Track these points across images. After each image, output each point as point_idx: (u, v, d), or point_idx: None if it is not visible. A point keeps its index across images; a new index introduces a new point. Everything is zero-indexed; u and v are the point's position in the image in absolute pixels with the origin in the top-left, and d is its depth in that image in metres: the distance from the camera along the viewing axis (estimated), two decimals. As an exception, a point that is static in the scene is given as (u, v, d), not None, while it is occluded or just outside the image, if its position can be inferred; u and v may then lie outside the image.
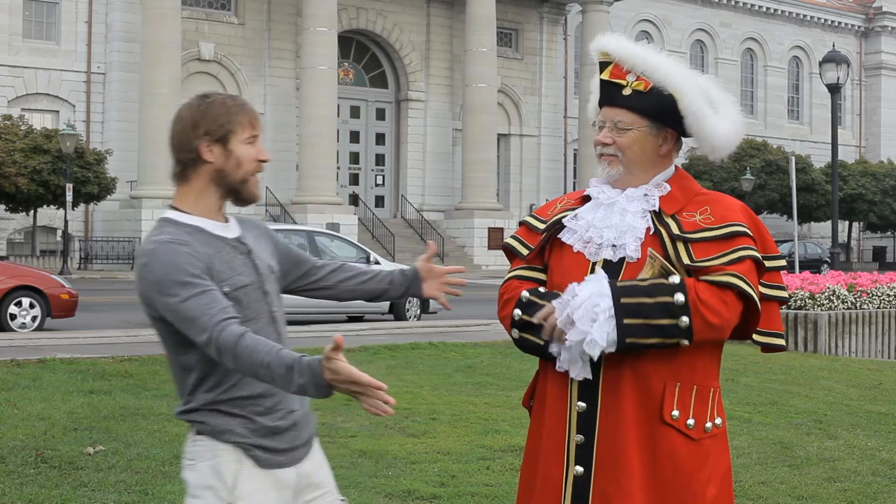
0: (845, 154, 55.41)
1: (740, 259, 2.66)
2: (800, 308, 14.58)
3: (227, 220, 2.74)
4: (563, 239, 2.82)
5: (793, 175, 25.17)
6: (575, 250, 2.78)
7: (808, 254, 45.70)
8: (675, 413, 2.66)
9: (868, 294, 15.24)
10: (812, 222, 53.59)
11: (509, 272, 2.94)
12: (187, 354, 2.62)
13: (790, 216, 41.16)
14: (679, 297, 2.58)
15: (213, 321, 2.47)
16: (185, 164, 2.67)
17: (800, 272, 19.80)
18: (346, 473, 6.38)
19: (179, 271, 2.52)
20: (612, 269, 2.72)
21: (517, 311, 2.75)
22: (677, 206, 2.76)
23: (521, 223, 3.00)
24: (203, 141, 2.64)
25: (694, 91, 2.78)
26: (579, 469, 2.70)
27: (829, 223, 47.63)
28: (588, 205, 2.85)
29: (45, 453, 6.63)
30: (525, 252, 2.89)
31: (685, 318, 2.58)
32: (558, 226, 2.86)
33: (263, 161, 2.72)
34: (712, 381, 2.77)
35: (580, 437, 2.70)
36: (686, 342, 2.59)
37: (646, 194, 2.77)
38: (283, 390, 2.51)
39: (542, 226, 2.90)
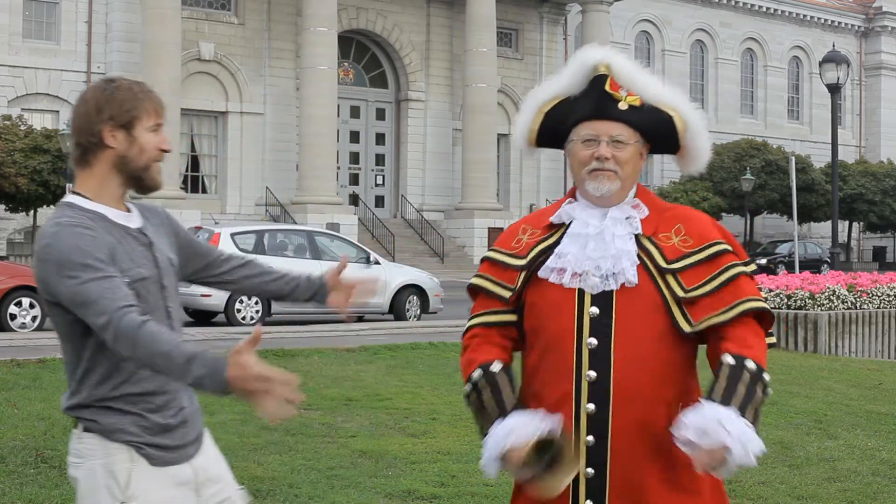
0: (845, 154, 55.39)
1: (733, 278, 2.69)
2: (800, 308, 14.58)
3: (129, 210, 2.73)
4: (551, 279, 2.73)
5: (793, 175, 25.17)
6: (567, 286, 2.71)
7: (808, 254, 45.68)
8: None
9: (868, 294, 15.24)
10: (812, 222, 53.56)
11: (472, 317, 2.84)
12: (80, 345, 2.60)
13: (790, 216, 41.13)
14: (751, 365, 2.59)
15: (115, 306, 2.44)
16: (87, 148, 2.64)
17: (800, 272, 19.80)
18: (346, 473, 6.39)
19: (82, 254, 2.49)
20: (604, 300, 2.69)
21: (468, 388, 2.75)
22: (653, 227, 2.76)
23: (485, 259, 2.88)
24: (107, 125, 2.62)
25: (691, 108, 2.83)
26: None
27: (829, 223, 47.61)
28: (569, 238, 2.77)
29: (45, 453, 6.63)
30: (507, 294, 2.78)
31: (766, 375, 2.62)
32: (538, 262, 2.77)
33: (165, 151, 2.71)
34: (699, 393, 2.79)
35: (590, 471, 2.68)
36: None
37: (628, 217, 2.76)
38: (178, 381, 2.47)
39: (516, 262, 2.80)
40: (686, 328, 2.65)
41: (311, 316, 18.12)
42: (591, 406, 2.65)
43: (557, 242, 2.77)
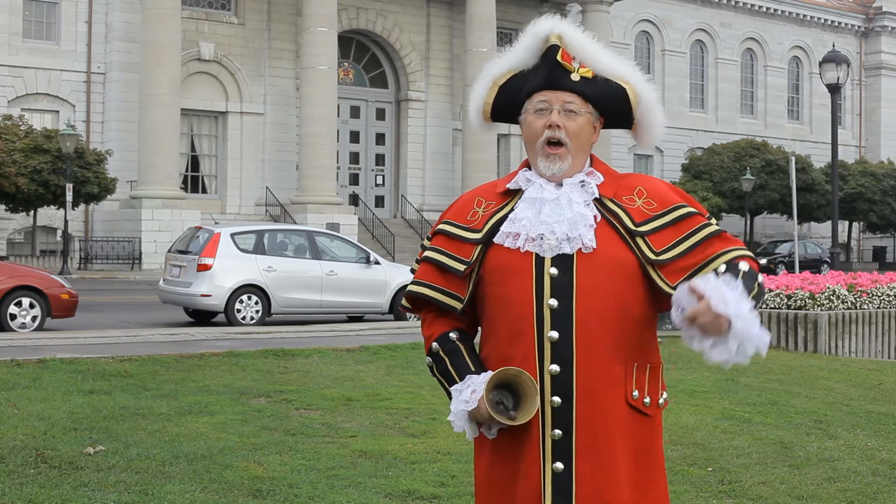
0: (845, 154, 55.38)
1: (704, 239, 2.71)
2: (800, 308, 14.57)
3: None
4: (506, 244, 2.74)
5: (793, 175, 25.17)
6: (523, 251, 2.71)
7: (808, 254, 45.70)
8: (636, 393, 2.71)
9: (868, 294, 15.23)
10: (812, 222, 53.57)
11: (416, 281, 2.85)
12: None
13: (790, 216, 41.15)
14: (744, 266, 2.64)
15: None
16: None
17: (800, 272, 19.79)
18: (346, 473, 6.38)
19: None
20: (563, 261, 2.69)
21: (429, 360, 2.89)
22: (612, 191, 2.78)
23: (438, 232, 2.86)
24: None
25: (644, 81, 2.85)
26: (559, 465, 2.67)
27: (829, 223, 47.60)
28: (525, 203, 2.77)
29: (45, 453, 6.62)
30: (461, 267, 2.77)
31: (760, 277, 2.69)
32: (495, 232, 2.78)
33: None
34: (658, 358, 2.82)
35: (558, 433, 2.67)
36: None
37: (582, 182, 2.77)
38: None
39: (472, 235, 2.80)
40: (668, 290, 2.65)
41: (312, 316, 18.12)
42: (555, 367, 2.66)
43: (513, 209, 2.79)
